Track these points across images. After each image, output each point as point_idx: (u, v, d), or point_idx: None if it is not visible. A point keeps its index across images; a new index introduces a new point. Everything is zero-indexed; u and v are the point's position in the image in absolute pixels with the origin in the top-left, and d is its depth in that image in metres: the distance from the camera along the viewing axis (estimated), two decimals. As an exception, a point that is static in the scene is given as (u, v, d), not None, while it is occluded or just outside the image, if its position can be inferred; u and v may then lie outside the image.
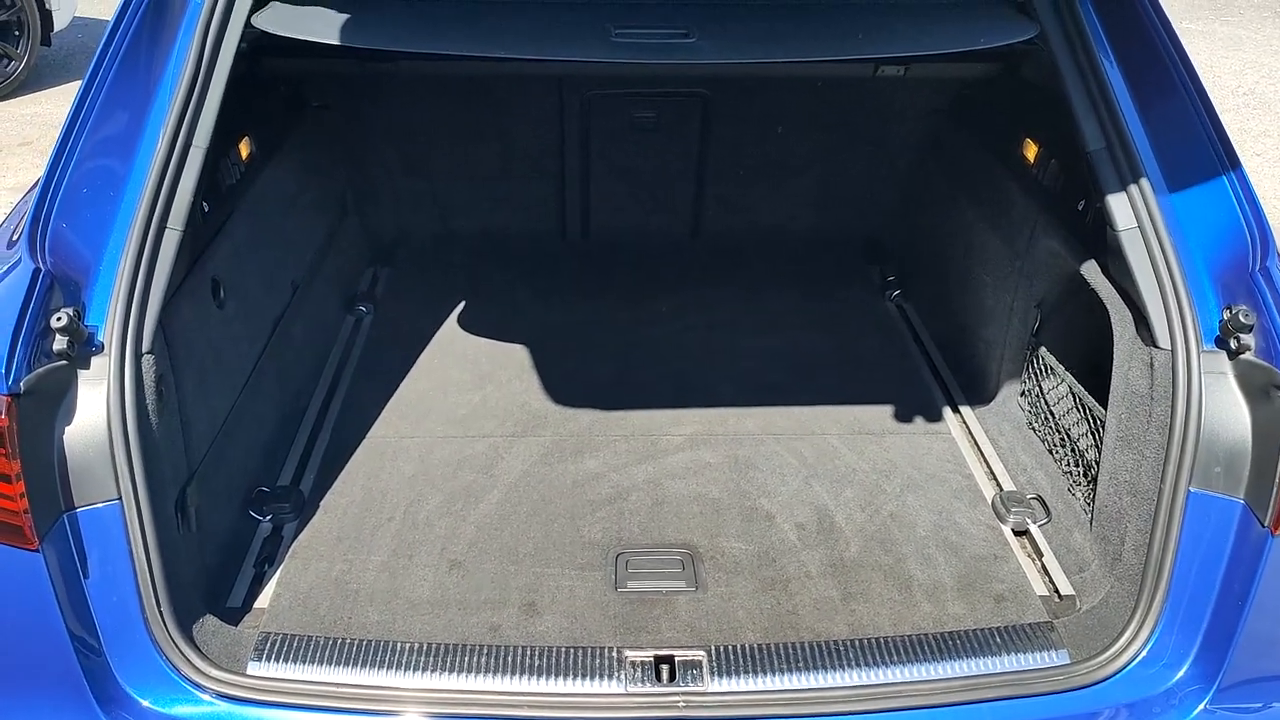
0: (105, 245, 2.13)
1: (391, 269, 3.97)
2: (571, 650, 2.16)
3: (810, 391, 3.22)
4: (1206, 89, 2.42)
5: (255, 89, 3.17)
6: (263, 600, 2.38)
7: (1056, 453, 2.85)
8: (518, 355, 3.40)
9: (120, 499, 1.99)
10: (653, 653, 2.16)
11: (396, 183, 3.96)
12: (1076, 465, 2.74)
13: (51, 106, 7.64)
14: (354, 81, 3.59)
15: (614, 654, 2.16)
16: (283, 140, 3.29)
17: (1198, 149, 2.36)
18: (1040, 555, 2.61)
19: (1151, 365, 2.26)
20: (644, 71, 3.61)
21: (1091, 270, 2.58)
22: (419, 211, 4.05)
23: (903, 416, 3.13)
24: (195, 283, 2.45)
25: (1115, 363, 2.43)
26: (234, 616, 2.30)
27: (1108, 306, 2.47)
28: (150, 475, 2.02)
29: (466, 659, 2.13)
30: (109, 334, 2.03)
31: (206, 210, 2.57)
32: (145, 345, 2.07)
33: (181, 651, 2.02)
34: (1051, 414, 2.89)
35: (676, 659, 2.14)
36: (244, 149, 2.95)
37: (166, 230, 2.17)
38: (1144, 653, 2.13)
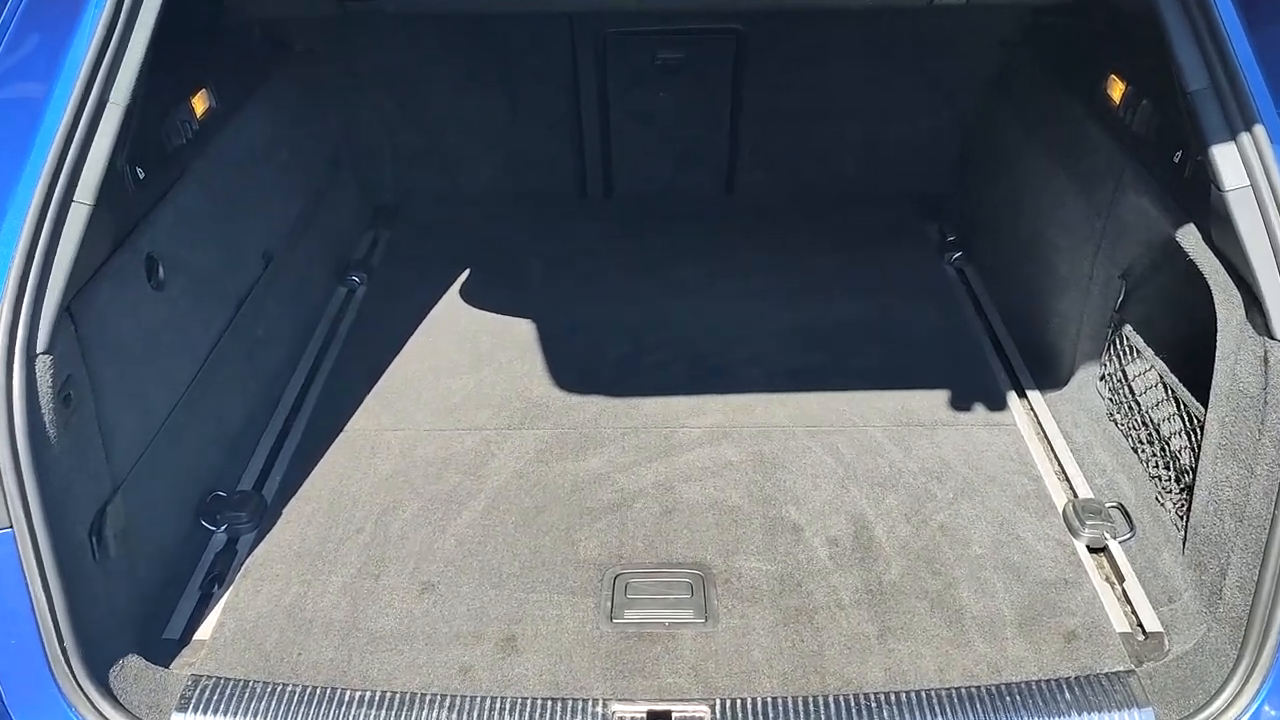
0: (-1, 226, 1.81)
1: (392, 232, 3.61)
2: (551, 702, 1.88)
3: (851, 374, 2.81)
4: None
5: (218, 35, 2.82)
6: (204, 630, 2.09)
7: (1142, 451, 2.41)
8: (523, 332, 3.03)
9: (12, 527, 1.72)
10: (646, 707, 1.88)
11: (396, 137, 3.60)
12: (1167, 469, 2.30)
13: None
14: (336, 24, 3.21)
15: (599, 707, 1.87)
16: (252, 93, 2.92)
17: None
18: (1121, 579, 2.21)
19: (1265, 360, 1.85)
20: (669, 5, 3.19)
21: (1190, 236, 2.13)
22: (422, 169, 3.68)
23: (959, 405, 2.71)
24: (123, 263, 2.12)
25: (1219, 353, 2.00)
26: (167, 651, 2.02)
27: (1210, 283, 2.04)
28: (50, 497, 1.77)
29: (427, 713, 1.85)
30: None
31: (142, 177, 2.24)
32: (41, 344, 1.78)
33: (92, 703, 1.80)
34: (1137, 404, 2.45)
35: (674, 716, 1.85)
36: (199, 104, 2.59)
37: (73, 205, 1.85)
38: (1246, 717, 1.80)
